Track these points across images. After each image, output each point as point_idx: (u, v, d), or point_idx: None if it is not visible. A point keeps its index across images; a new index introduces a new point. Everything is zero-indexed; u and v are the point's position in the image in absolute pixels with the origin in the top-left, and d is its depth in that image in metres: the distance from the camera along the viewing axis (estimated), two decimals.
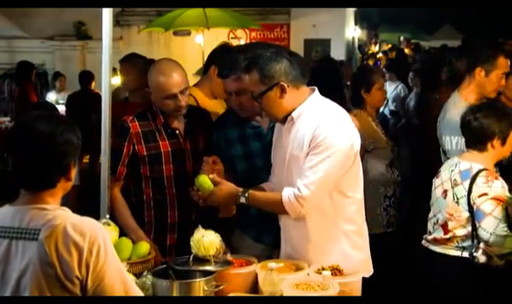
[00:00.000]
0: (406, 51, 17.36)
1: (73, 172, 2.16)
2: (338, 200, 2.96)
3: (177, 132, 3.39)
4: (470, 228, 3.33)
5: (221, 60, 3.59)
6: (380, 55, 18.43)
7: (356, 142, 2.95)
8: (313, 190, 2.83)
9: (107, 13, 3.27)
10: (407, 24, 26.04)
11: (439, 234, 3.47)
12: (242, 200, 3.00)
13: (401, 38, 25.10)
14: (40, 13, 11.30)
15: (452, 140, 3.92)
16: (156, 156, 3.34)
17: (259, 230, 3.46)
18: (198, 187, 3.04)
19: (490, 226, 3.24)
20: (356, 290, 2.76)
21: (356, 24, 17.77)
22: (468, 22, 21.63)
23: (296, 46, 11.91)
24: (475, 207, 3.31)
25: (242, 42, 11.98)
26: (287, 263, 2.94)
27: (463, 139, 3.60)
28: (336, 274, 2.78)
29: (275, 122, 3.14)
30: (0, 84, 11.41)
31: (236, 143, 3.44)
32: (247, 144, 3.43)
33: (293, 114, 2.95)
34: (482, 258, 3.24)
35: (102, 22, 3.27)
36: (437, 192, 3.54)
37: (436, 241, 3.50)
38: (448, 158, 3.84)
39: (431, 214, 3.59)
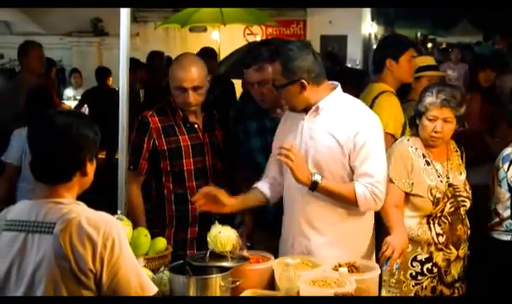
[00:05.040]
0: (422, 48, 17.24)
1: (91, 168, 2.18)
2: None
3: (196, 126, 3.41)
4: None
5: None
6: None
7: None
8: (383, 190, 2.95)
9: (125, 10, 3.29)
10: (424, 21, 25.84)
11: (494, 219, 3.63)
12: (317, 178, 2.91)
13: (418, 34, 24.94)
14: (58, 9, 11.33)
15: None
16: (177, 150, 3.35)
17: (275, 226, 3.46)
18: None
19: None
20: (374, 287, 2.75)
21: (372, 20, 17.66)
22: (485, 19, 21.42)
23: (312, 43, 11.83)
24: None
25: (258, 38, 11.99)
26: (304, 259, 2.94)
27: None
28: (353, 271, 2.78)
29: (293, 112, 3.12)
30: None
31: (255, 135, 3.46)
32: (266, 137, 3.43)
33: (319, 104, 2.97)
34: None
35: (120, 19, 3.30)
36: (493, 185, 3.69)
37: (492, 227, 3.64)
38: None
39: (492, 207, 3.71)
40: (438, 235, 3.22)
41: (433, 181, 3.22)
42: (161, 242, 3.00)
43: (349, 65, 11.77)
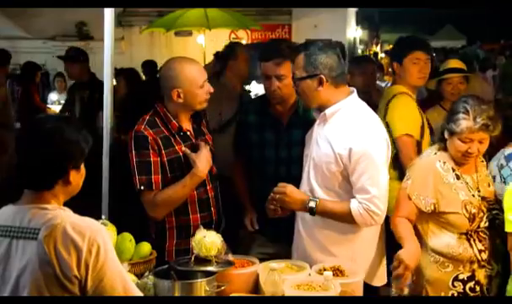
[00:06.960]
0: None
1: (76, 177, 2.14)
2: None
3: (188, 133, 3.30)
4: None
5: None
6: (383, 56, 18.44)
7: (389, 152, 3.04)
8: (381, 206, 2.92)
9: (109, 14, 3.28)
10: (409, 25, 26.03)
11: None
12: (312, 204, 2.98)
13: None
14: (42, 13, 11.29)
15: None
16: (177, 161, 3.21)
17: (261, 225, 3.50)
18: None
19: None
20: (358, 291, 2.76)
21: (357, 24, 17.77)
22: (469, 23, 21.62)
23: None
24: None
25: (244, 43, 12.00)
26: (288, 263, 2.95)
27: None
28: (338, 275, 2.78)
29: (313, 110, 3.15)
30: None
31: (252, 130, 3.49)
32: (263, 133, 3.47)
33: (326, 111, 2.99)
34: None
35: (104, 22, 3.28)
36: None
37: None
38: None
39: None
40: (480, 251, 3.03)
41: (465, 195, 3.04)
42: (146, 247, 2.98)
43: None
